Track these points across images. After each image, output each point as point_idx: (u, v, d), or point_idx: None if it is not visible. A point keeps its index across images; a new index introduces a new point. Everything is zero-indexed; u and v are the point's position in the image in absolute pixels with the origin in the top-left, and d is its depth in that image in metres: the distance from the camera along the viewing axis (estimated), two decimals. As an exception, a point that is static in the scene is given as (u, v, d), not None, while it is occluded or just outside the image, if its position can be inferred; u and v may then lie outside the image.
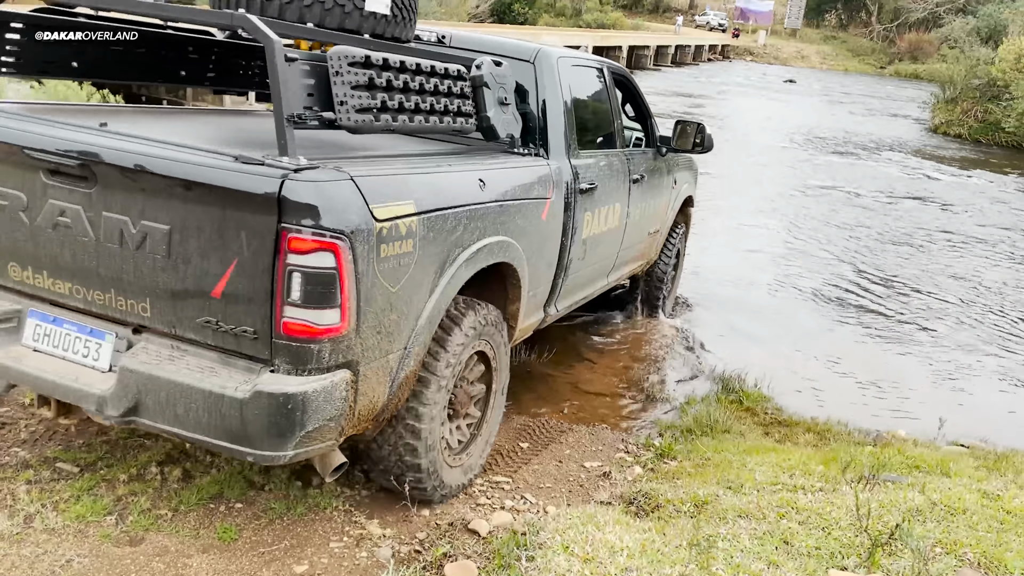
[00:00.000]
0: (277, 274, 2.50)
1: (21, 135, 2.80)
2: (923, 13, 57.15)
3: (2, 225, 2.89)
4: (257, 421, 2.53)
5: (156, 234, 2.64)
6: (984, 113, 23.53)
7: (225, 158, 2.56)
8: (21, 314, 2.97)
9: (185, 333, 2.70)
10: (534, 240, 3.81)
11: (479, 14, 36.19)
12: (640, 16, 68.95)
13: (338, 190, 2.55)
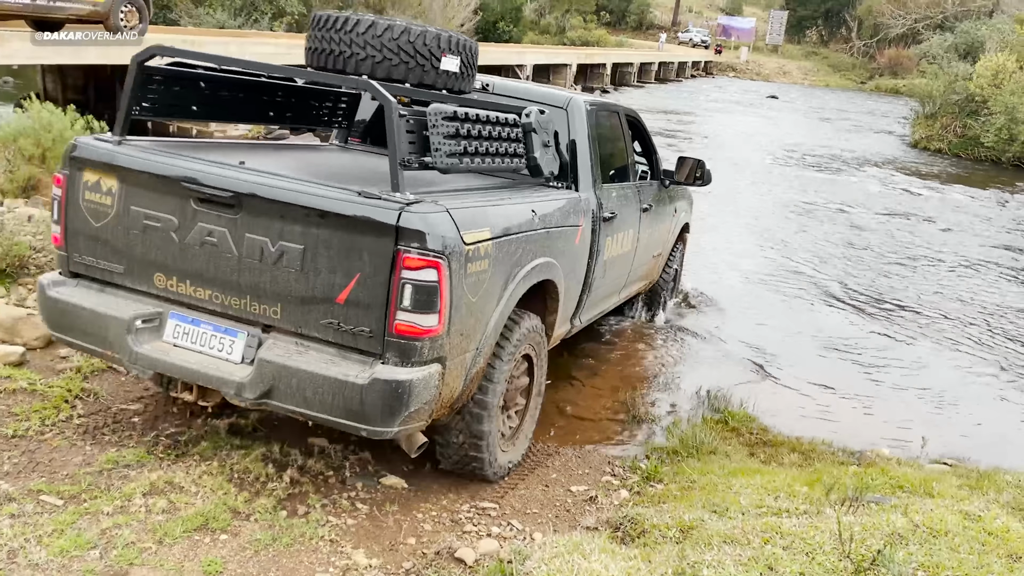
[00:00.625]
0: (392, 285, 3.15)
1: (179, 170, 3.45)
2: (902, 29, 57.93)
3: (153, 242, 3.53)
4: (373, 402, 3.17)
5: (292, 252, 3.28)
6: (963, 128, 23.83)
7: (350, 193, 3.23)
8: (163, 315, 3.59)
9: (309, 332, 3.34)
10: (569, 261, 4.48)
11: (463, 31, 36.35)
12: (624, 33, 69.51)
13: (439, 220, 3.20)
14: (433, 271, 3.15)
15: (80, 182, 3.65)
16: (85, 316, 3.65)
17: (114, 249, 3.64)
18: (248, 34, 19.56)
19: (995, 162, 22.22)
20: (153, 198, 3.53)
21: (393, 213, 3.13)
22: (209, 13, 23.28)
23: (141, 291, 3.65)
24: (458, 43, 4.11)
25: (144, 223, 3.55)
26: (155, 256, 3.55)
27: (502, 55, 27.72)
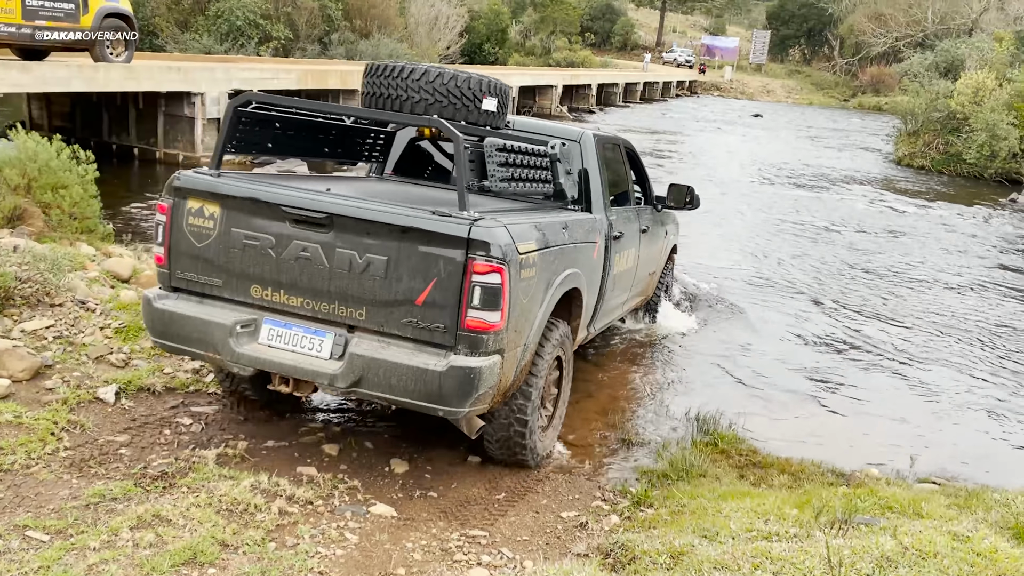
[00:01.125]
0: (464, 288, 3.76)
1: (279, 196, 4.05)
2: (883, 47, 58.63)
3: (251, 258, 4.10)
4: (450, 387, 3.76)
5: (377, 262, 3.88)
6: (945, 145, 24.10)
7: (427, 212, 3.86)
8: (258, 321, 4.16)
9: (391, 330, 3.91)
10: (588, 273, 5.08)
11: (450, 55, 36.57)
12: (609, 54, 70.13)
13: (501, 233, 3.82)
14: (497, 275, 3.78)
15: (184, 209, 4.22)
16: (190, 324, 4.21)
17: (214, 266, 4.21)
18: (235, 59, 19.65)
19: (977, 178, 22.46)
20: (253, 221, 4.11)
21: (464, 227, 3.76)
22: (195, 38, 23.40)
23: (238, 301, 4.22)
24: (496, 87, 4.75)
25: (244, 242, 4.12)
26: (252, 270, 4.13)
27: (488, 77, 27.87)
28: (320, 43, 26.99)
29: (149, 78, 12.87)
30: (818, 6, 70.97)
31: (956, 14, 54.76)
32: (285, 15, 25.10)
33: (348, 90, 18.51)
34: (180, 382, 5.21)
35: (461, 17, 38.39)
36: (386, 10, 30.37)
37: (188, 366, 5.42)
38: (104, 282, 6.06)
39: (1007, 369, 7.76)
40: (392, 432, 5.05)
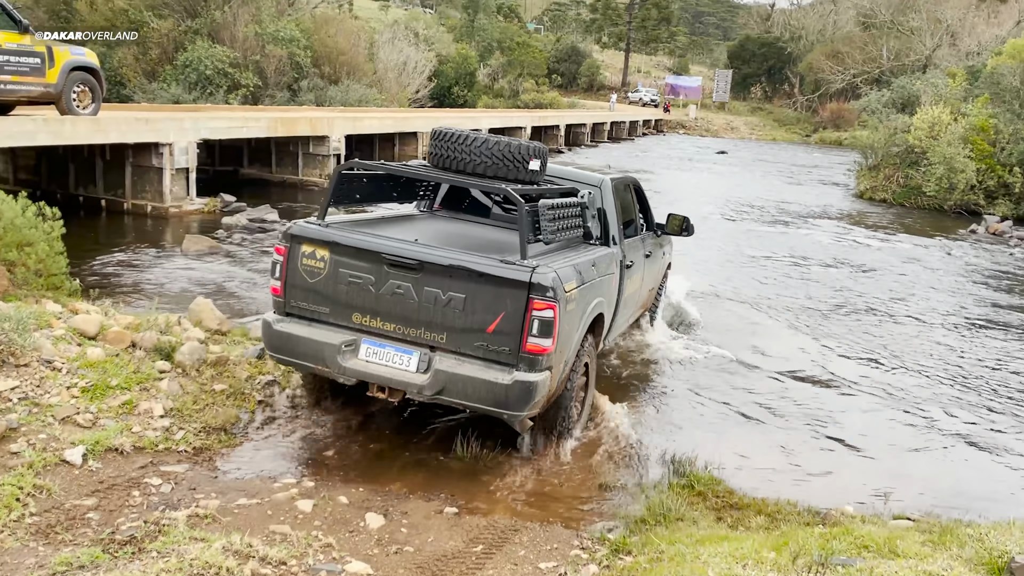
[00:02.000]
0: (526, 320, 4.84)
1: (380, 246, 5.13)
2: (842, 84, 60.16)
3: (354, 292, 5.17)
4: (514, 396, 4.84)
5: (456, 298, 4.95)
6: (905, 178, 24.64)
7: (496, 260, 4.95)
8: (357, 342, 5.21)
9: (464, 351, 4.99)
10: (609, 299, 6.19)
11: (419, 99, 36.90)
12: (576, 94, 71.18)
13: (553, 276, 4.88)
14: (551, 311, 4.85)
15: (298, 251, 5.30)
16: (304, 343, 5.26)
17: (323, 297, 5.28)
18: (202, 108, 19.67)
19: (938, 210, 22.97)
20: (357, 264, 5.17)
21: (527, 274, 4.85)
22: (163, 88, 23.38)
23: (341, 325, 5.26)
24: (539, 151, 5.89)
25: (349, 279, 5.20)
26: (355, 301, 5.20)
27: (459, 121, 28.11)
28: (289, 90, 27.10)
29: (116, 130, 12.81)
30: (777, 45, 72.83)
31: (910, 51, 56.49)
32: (254, 63, 25.20)
33: (318, 136, 18.57)
34: (149, 441, 5.14)
35: (429, 61, 38.83)
36: (355, 56, 30.62)
37: (157, 424, 5.34)
38: (71, 340, 5.97)
39: (978, 401, 7.88)
40: (367, 485, 5.00)
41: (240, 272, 10.33)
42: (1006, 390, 8.22)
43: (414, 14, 59.15)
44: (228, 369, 6.34)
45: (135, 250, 11.16)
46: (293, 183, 18.91)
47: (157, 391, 5.74)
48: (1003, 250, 17.14)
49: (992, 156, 22.42)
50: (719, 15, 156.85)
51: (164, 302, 8.63)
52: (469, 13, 65.36)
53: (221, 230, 12.82)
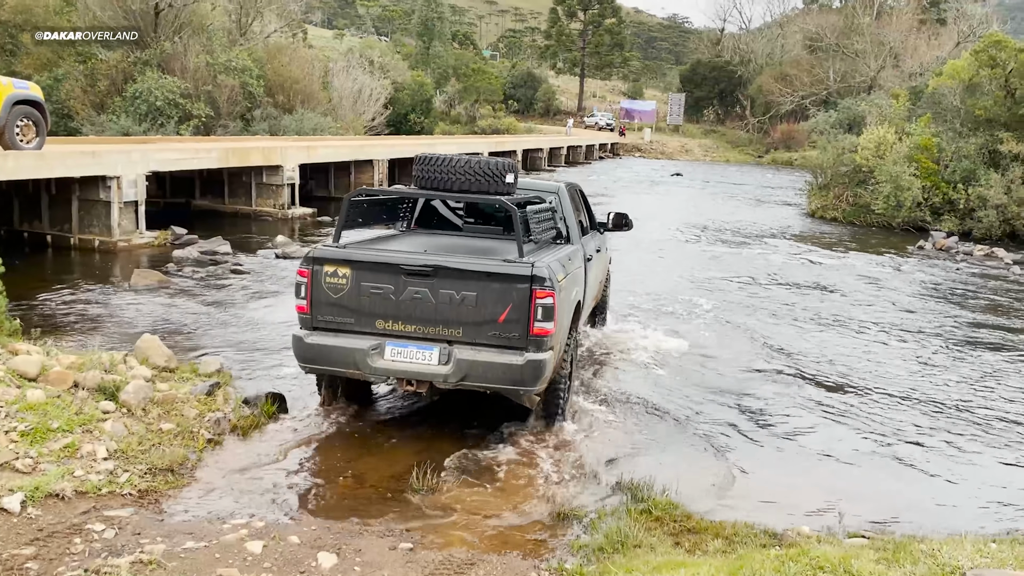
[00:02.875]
0: (531, 308, 5.65)
1: (396, 259, 5.92)
2: (791, 106, 61.55)
3: (377, 301, 5.88)
4: (528, 374, 5.70)
5: (469, 297, 5.73)
6: (854, 197, 25.17)
7: (501, 261, 5.86)
8: (382, 344, 5.92)
9: (480, 341, 5.78)
10: (581, 288, 7.12)
11: (375, 127, 36.86)
12: (532, 119, 71.77)
13: (550, 269, 5.78)
14: (551, 298, 5.71)
15: (321, 272, 5.96)
16: (335, 351, 5.96)
17: (347, 309, 5.97)
18: (153, 140, 19.41)
19: (887, 227, 23.49)
20: (377, 276, 5.90)
21: (528, 268, 5.74)
22: (113, 120, 23.03)
23: (366, 332, 5.95)
24: (512, 166, 6.66)
25: (370, 291, 5.90)
26: (377, 309, 5.91)
27: (415, 147, 28.12)
28: (243, 119, 26.86)
29: (62, 164, 12.56)
30: (727, 69, 74.35)
31: (856, 73, 58.08)
32: (206, 93, 24.95)
33: (271, 166, 18.41)
34: (92, 485, 4.97)
35: (385, 89, 38.84)
36: (309, 85, 30.52)
37: (101, 467, 5.18)
38: (9, 382, 5.78)
39: (930, 415, 7.99)
40: (321, 522, 4.90)
41: (190, 306, 10.14)
42: (956, 402, 8.36)
43: (369, 42, 59.26)
44: (176, 407, 6.19)
45: (82, 286, 10.90)
46: (247, 214, 18.69)
47: (101, 432, 5.57)
48: (949, 265, 17.56)
49: (937, 174, 23.03)
50: (671, 40, 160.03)
51: (110, 340, 8.43)
52: (424, 40, 65.67)
53: (171, 263, 12.60)
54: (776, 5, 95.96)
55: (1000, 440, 7.41)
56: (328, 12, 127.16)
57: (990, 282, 15.69)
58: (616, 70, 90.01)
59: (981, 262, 18.29)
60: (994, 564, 4.36)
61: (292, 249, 13.98)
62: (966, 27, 51.14)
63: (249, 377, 7.61)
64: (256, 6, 31.75)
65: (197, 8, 27.52)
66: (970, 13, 53.02)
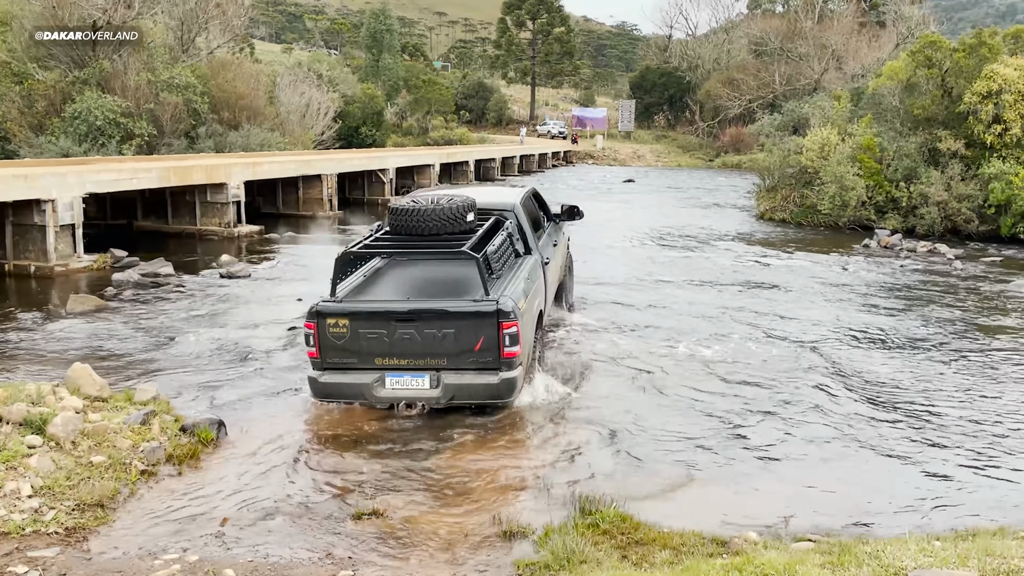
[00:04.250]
0: (500, 336, 6.75)
1: (386, 308, 7.06)
2: (739, 110, 62.46)
3: (374, 343, 6.92)
4: (503, 389, 6.90)
5: (449, 333, 6.80)
6: (801, 198, 25.54)
7: (470, 301, 6.92)
8: (383, 376, 6.98)
9: (461, 367, 6.89)
10: (542, 295, 8.46)
11: (324, 140, 36.51)
12: (485, 129, 71.85)
13: (511, 303, 6.84)
14: (515, 327, 6.86)
15: (325, 324, 6.98)
16: (345, 386, 7.11)
17: (350, 351, 7.02)
18: (90, 161, 18.89)
19: (833, 227, 23.87)
20: (371, 323, 6.99)
21: (493, 306, 6.84)
22: (52, 141, 22.43)
23: (367, 368, 7.05)
24: (470, 204, 7.80)
25: (368, 336, 6.98)
26: (374, 349, 6.98)
27: (365, 161, 27.91)
28: (187, 137, 26.36)
29: (-9, 188, 12.17)
30: (676, 75, 75.26)
31: (800, 76, 59.17)
32: (148, 111, 24.42)
33: (215, 184, 18.08)
34: (15, 525, 4.76)
35: (333, 102, 38.53)
36: (255, 100, 30.10)
37: (25, 505, 4.95)
38: (-74, 420, 5.51)
39: (879, 416, 8.05)
40: (257, 554, 4.73)
41: (128, 331, 9.84)
42: (900, 399, 8.45)
43: (317, 56, 58.84)
44: (108, 438, 5.97)
45: (15, 314, 10.53)
46: (191, 233, 18.31)
47: (26, 469, 5.34)
48: (892, 262, 17.87)
49: (880, 173, 23.48)
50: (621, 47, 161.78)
51: (42, 369, 8.13)
52: (374, 53, 65.42)
53: (110, 287, 12.24)
54: (721, 11, 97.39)
55: (948, 439, 7.49)
56: (276, 26, 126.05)
57: (932, 277, 16.01)
58: (567, 78, 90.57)
59: (924, 258, 18.67)
60: (937, 563, 4.37)
61: (237, 268, 13.70)
62: (904, 29, 52.56)
63: (187, 404, 7.39)
64: (198, 22, 31.25)
65: (137, 25, 26.95)
66: (908, 15, 54.53)
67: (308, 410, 7.39)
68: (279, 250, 17.02)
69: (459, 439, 6.75)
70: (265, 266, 14.73)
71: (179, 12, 30.60)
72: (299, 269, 14.58)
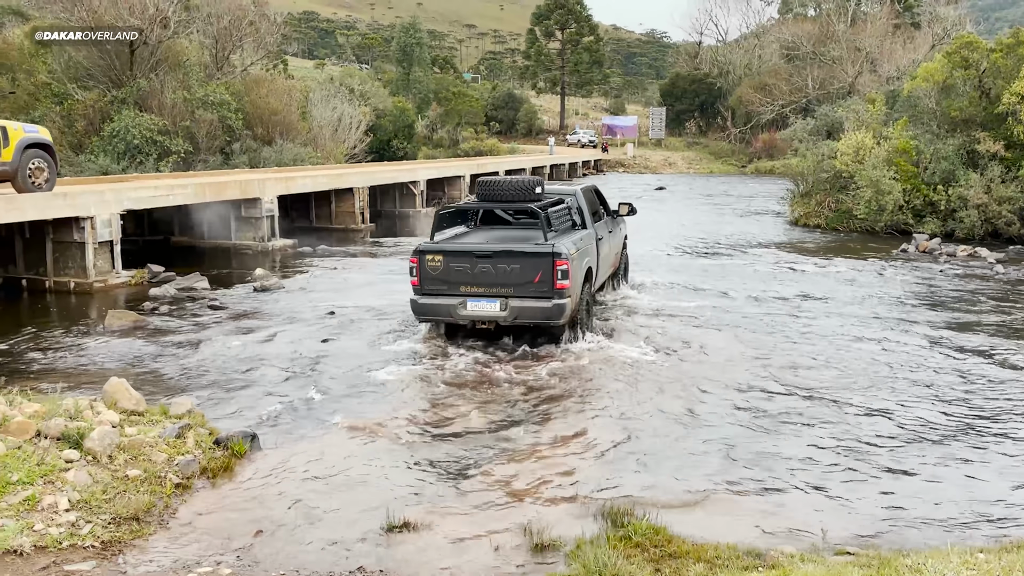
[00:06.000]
0: (554, 271, 9.15)
1: (472, 248, 9.61)
2: (772, 115, 61.94)
3: (460, 274, 9.36)
4: (555, 312, 9.24)
5: (515, 268, 9.25)
6: (836, 203, 25.18)
7: (532, 244, 9.48)
8: (465, 300, 9.37)
9: (524, 295, 9.25)
10: (592, 258, 10.47)
11: (356, 154, 36.84)
12: (515, 140, 72.04)
13: (565, 247, 9.33)
14: (566, 265, 9.12)
15: (424, 259, 9.40)
16: (437, 306, 9.44)
17: (441, 280, 9.36)
18: (128, 178, 19.27)
19: (870, 232, 23.50)
20: (459, 259, 9.35)
21: (550, 247, 9.19)
22: (91, 160, 22.91)
23: (454, 294, 9.35)
24: (539, 182, 10.37)
25: (455, 268, 9.31)
26: (461, 279, 9.32)
27: (395, 174, 28.10)
28: (222, 153, 26.77)
29: (33, 206, 12.43)
30: (707, 81, 74.87)
31: (834, 79, 58.50)
32: (184, 129, 24.87)
33: (249, 199, 18.32)
34: (52, 539, 4.82)
35: (365, 116, 38.86)
36: (288, 116, 30.48)
37: (62, 519, 5.02)
38: (-32, 435, 5.62)
39: (917, 424, 7.88)
40: (291, 568, 4.74)
41: (164, 346, 9.98)
42: (944, 408, 8.26)
43: (348, 70, 59.42)
44: (143, 452, 6.04)
45: (54, 330, 10.73)
46: (226, 248, 18.56)
47: (63, 483, 5.42)
48: (933, 267, 17.53)
49: (916, 176, 23.08)
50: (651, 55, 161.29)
51: (80, 384, 8.27)
52: (404, 67, 65.99)
53: (147, 302, 12.44)
54: (751, 16, 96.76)
55: (995, 449, 7.30)
56: (308, 43, 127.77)
57: (974, 282, 15.66)
58: (596, 87, 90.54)
59: (965, 262, 18.28)
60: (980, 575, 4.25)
61: (271, 282, 13.85)
62: (940, 30, 51.68)
63: (222, 417, 7.46)
64: (232, 39, 31.77)
65: (173, 44, 27.50)
66: (943, 16, 53.62)
67: (340, 424, 7.42)
68: (312, 263, 17.17)
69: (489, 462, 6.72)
70: (298, 280, 14.87)
71: (214, 30, 31.12)
72: (332, 282, 14.69)
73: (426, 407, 7.98)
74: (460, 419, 7.62)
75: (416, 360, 9.45)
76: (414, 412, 7.80)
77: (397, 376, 8.81)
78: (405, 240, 21.41)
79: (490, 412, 7.81)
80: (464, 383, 8.69)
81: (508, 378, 8.76)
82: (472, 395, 8.33)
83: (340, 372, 8.97)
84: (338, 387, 8.48)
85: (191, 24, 29.93)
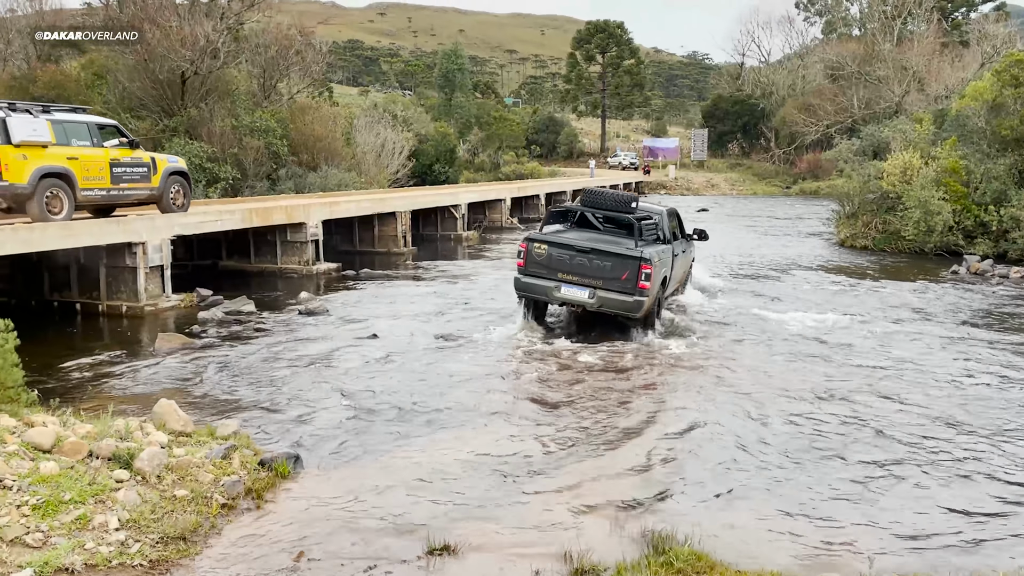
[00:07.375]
0: (639, 273, 11.05)
1: (572, 242, 11.61)
2: (816, 135, 61.22)
3: (559, 263, 11.40)
4: (634, 307, 11.19)
5: (606, 264, 11.20)
6: (884, 224, 24.74)
7: (626, 247, 11.35)
8: (560, 285, 11.39)
9: (611, 288, 11.19)
10: (668, 270, 12.42)
11: (399, 179, 37.32)
12: (556, 163, 72.32)
13: (651, 254, 11.24)
14: (649, 269, 11.03)
15: (532, 245, 11.50)
16: (537, 286, 11.52)
17: (543, 266, 11.41)
18: (179, 204, 19.70)
19: (918, 253, 23.04)
20: (560, 250, 11.40)
21: (639, 252, 11.13)
22: (143, 186, 23.53)
23: (551, 278, 11.36)
24: (634, 197, 12.69)
25: (556, 257, 11.37)
26: (559, 267, 11.34)
27: (437, 198, 28.39)
28: (269, 179, 27.34)
29: (87, 232, 12.82)
30: (749, 102, 74.41)
31: (880, 99, 57.65)
32: (232, 156, 25.48)
33: (294, 224, 18.66)
34: (102, 557, 4.94)
35: (408, 141, 39.40)
36: (332, 142, 31.04)
37: (112, 538, 5.14)
38: (23, 455, 5.80)
39: (971, 446, 7.69)
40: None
41: (212, 368, 10.18)
42: (999, 432, 8.04)
43: (392, 97, 60.41)
44: (191, 472, 6.16)
45: (107, 353, 11.02)
46: (272, 272, 18.90)
47: (113, 502, 5.55)
48: (985, 289, 17.12)
49: (967, 196, 22.61)
50: (692, 76, 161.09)
51: (130, 405, 8.47)
52: (446, 92, 66.79)
53: (196, 325, 12.72)
54: (795, 37, 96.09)
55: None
56: (353, 70, 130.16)
57: (1028, 304, 15.24)
58: (638, 109, 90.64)
59: (1018, 284, 17.82)
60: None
61: (315, 305, 14.05)
62: (989, 48, 50.65)
63: (266, 438, 7.58)
64: (279, 68, 32.54)
65: (222, 74, 28.26)
66: (992, 33, 52.58)
67: (384, 448, 7.49)
68: (356, 287, 17.39)
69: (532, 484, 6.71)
70: (342, 303, 15.07)
71: (261, 60, 31.92)
72: (375, 306, 14.86)
73: (470, 433, 8.01)
74: (511, 440, 7.64)
75: (465, 383, 9.51)
76: (457, 435, 7.84)
77: (446, 402, 8.87)
78: (444, 263, 21.58)
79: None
80: (513, 412, 8.71)
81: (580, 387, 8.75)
82: (521, 421, 8.34)
83: (384, 396, 9.06)
84: (384, 410, 8.56)
85: (240, 54, 30.73)
